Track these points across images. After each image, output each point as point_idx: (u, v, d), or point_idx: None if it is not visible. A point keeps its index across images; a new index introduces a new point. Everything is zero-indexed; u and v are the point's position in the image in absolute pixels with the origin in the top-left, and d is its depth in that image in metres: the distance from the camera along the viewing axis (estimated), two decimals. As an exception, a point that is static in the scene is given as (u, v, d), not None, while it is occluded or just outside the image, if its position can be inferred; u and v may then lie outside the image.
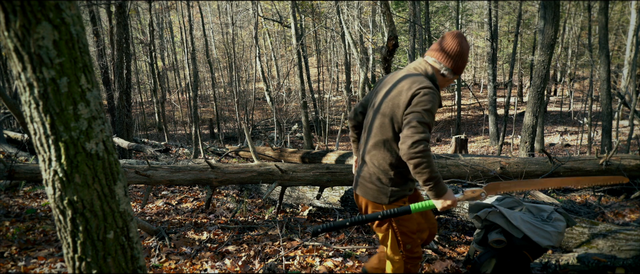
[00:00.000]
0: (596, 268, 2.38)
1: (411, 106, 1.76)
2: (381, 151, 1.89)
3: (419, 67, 1.92)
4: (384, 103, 1.88)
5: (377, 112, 1.91)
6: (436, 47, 1.93)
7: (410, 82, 1.82)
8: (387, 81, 1.98)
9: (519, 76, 21.85)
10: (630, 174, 4.15)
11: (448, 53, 1.89)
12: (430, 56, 1.93)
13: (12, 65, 1.06)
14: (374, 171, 1.91)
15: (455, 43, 1.88)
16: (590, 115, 11.58)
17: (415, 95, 1.76)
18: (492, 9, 15.15)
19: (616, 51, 20.70)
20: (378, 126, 1.89)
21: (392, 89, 1.88)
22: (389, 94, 1.88)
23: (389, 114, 1.84)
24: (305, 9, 18.98)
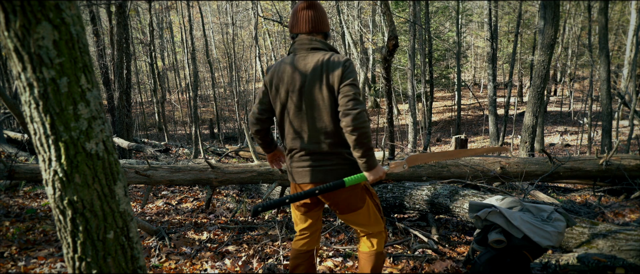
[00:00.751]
0: (596, 268, 2.38)
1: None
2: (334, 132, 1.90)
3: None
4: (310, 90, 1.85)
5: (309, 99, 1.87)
6: None
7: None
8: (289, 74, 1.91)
9: (519, 76, 21.85)
10: (631, 174, 4.15)
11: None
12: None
13: (12, 65, 1.06)
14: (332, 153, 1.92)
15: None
16: (590, 115, 11.58)
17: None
18: (492, 9, 15.15)
19: (616, 51, 20.70)
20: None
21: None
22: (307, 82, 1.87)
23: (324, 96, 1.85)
24: (305, 9, 18.95)
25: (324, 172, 1.90)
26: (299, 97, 1.87)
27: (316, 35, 1.93)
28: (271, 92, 1.94)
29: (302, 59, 1.88)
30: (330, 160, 1.90)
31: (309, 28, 1.91)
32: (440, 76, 23.87)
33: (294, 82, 1.87)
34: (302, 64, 1.87)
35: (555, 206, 3.10)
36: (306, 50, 1.89)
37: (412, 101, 12.44)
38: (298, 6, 1.94)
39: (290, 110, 1.90)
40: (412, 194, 3.58)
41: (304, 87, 1.85)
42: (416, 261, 2.84)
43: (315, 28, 1.92)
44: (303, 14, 1.92)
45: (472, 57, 28.59)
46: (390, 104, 4.86)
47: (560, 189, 5.64)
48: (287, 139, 1.97)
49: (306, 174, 1.92)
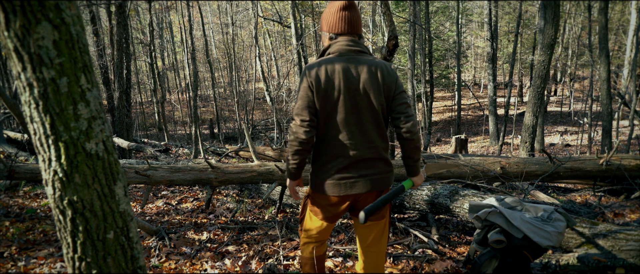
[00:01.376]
0: (596, 268, 2.38)
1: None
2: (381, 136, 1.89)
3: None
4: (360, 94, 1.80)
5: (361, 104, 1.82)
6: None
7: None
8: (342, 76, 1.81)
9: (519, 76, 21.85)
10: (631, 174, 4.15)
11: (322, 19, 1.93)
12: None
13: (12, 65, 1.06)
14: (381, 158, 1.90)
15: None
16: (590, 115, 11.58)
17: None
18: (492, 9, 15.15)
19: (616, 51, 20.70)
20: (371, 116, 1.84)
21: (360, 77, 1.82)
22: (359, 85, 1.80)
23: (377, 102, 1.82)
24: (305, 9, 18.97)
25: (380, 179, 1.88)
26: (353, 101, 1.80)
27: (357, 37, 1.87)
28: (319, 96, 1.78)
29: (355, 62, 1.80)
30: (383, 166, 1.89)
31: (353, 29, 1.85)
32: (440, 76, 23.87)
33: (348, 84, 1.78)
34: (355, 67, 1.80)
35: (555, 206, 3.10)
36: (356, 53, 1.83)
37: (412, 101, 12.45)
38: (339, 5, 1.85)
39: (343, 115, 1.80)
40: (412, 194, 3.58)
41: (359, 90, 1.79)
42: (416, 261, 2.84)
43: (358, 30, 1.87)
44: (345, 15, 1.84)
45: (472, 57, 28.60)
46: (390, 104, 4.85)
47: (560, 189, 5.64)
48: (334, 145, 1.84)
49: (370, 183, 1.86)
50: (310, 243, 2.07)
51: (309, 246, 2.08)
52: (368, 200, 1.90)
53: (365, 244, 1.99)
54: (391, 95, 1.81)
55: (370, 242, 1.98)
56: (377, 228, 1.95)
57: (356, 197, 1.89)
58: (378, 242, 1.98)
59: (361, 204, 1.91)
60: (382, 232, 1.98)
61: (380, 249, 1.99)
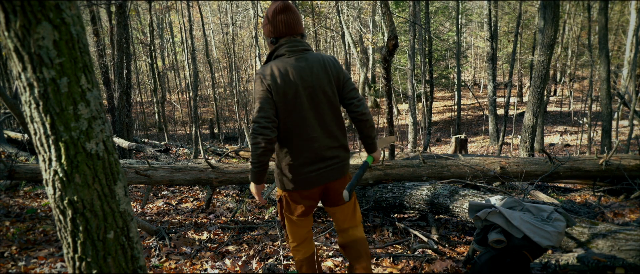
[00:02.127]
0: (596, 268, 2.39)
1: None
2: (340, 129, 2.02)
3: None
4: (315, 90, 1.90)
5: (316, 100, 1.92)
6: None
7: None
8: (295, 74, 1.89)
9: (519, 76, 21.84)
10: (630, 174, 4.15)
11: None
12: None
13: (12, 66, 1.06)
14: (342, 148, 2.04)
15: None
16: (590, 115, 11.58)
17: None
18: (492, 9, 15.15)
19: (616, 51, 20.71)
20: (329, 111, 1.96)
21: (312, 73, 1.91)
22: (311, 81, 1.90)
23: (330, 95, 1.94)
24: (305, 9, 18.96)
25: (344, 165, 2.03)
26: (310, 96, 1.88)
27: (299, 36, 1.95)
28: (277, 98, 1.85)
29: (304, 60, 1.89)
30: (344, 153, 2.02)
31: (293, 30, 1.92)
32: (440, 76, 23.87)
33: (303, 82, 1.87)
34: (305, 64, 1.88)
35: (555, 206, 3.10)
36: (302, 52, 1.91)
37: (412, 101, 12.44)
38: (275, 10, 1.91)
39: (307, 110, 1.89)
40: (412, 194, 3.58)
41: (315, 86, 1.88)
42: (416, 261, 2.84)
43: (298, 29, 1.94)
44: (283, 17, 1.91)
45: (472, 57, 28.59)
46: (390, 104, 4.86)
47: (560, 189, 5.64)
48: (298, 143, 1.91)
49: (337, 170, 1.99)
50: (299, 244, 2.15)
51: (298, 249, 2.16)
52: (336, 186, 2.02)
53: (344, 223, 2.13)
54: (340, 84, 1.95)
55: (348, 219, 2.13)
56: (349, 206, 2.12)
57: (327, 187, 2.02)
58: (353, 216, 2.14)
59: (330, 190, 2.03)
60: (354, 208, 2.14)
61: (356, 222, 2.16)
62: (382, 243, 3.31)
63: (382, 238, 3.47)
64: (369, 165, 2.09)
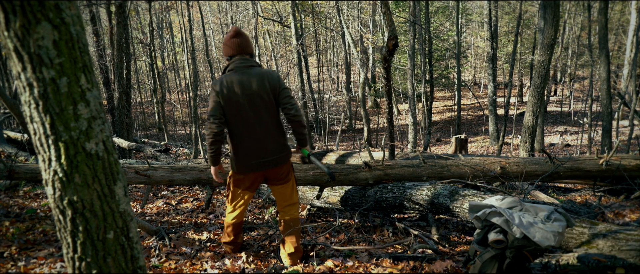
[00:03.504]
0: (596, 268, 2.38)
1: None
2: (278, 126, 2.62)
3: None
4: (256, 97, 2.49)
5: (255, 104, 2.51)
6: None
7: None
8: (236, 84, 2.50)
9: (519, 76, 21.84)
10: (630, 174, 4.14)
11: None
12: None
13: (12, 66, 1.06)
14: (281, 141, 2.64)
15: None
16: (590, 115, 11.57)
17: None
18: (492, 9, 15.15)
19: (616, 51, 20.70)
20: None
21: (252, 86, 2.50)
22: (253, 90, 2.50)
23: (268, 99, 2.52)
24: (305, 9, 18.96)
25: (284, 154, 2.64)
26: (251, 103, 2.47)
27: (248, 56, 2.56)
28: (224, 103, 2.46)
29: (247, 74, 2.48)
30: (281, 147, 2.61)
31: (242, 50, 2.54)
32: (440, 75, 23.86)
33: (244, 91, 2.45)
34: (247, 78, 2.47)
35: (555, 206, 3.10)
36: (247, 68, 2.50)
37: (412, 101, 12.44)
38: (230, 35, 2.55)
39: (247, 114, 2.48)
40: (412, 194, 3.58)
41: (253, 94, 2.46)
42: (416, 261, 2.84)
43: (247, 50, 2.56)
44: (235, 41, 2.53)
45: (472, 57, 28.58)
46: (390, 104, 4.85)
47: (560, 189, 5.64)
48: (243, 139, 2.53)
49: (273, 162, 2.59)
50: (233, 211, 2.77)
51: (231, 214, 2.78)
52: (277, 172, 2.67)
53: (284, 201, 2.78)
54: (277, 92, 2.52)
55: (287, 198, 2.77)
56: (287, 188, 2.76)
57: (266, 172, 2.65)
58: (291, 196, 2.78)
59: (271, 176, 2.68)
60: (292, 190, 2.78)
61: (293, 201, 2.79)
62: (382, 243, 3.31)
63: (382, 238, 3.47)
64: (307, 155, 2.74)
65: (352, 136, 17.84)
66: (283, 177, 2.71)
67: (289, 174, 2.75)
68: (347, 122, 20.46)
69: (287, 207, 2.77)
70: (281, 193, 2.74)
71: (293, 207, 2.78)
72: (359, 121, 19.97)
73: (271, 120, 2.53)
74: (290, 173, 2.77)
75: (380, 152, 6.22)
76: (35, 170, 4.02)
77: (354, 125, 18.23)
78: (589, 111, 12.16)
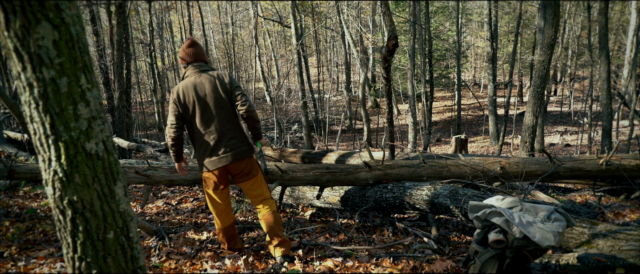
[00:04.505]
0: (596, 268, 2.38)
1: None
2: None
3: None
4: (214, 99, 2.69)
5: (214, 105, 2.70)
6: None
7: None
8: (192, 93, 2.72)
9: (519, 76, 21.84)
10: (630, 174, 4.14)
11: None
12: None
13: (12, 65, 1.06)
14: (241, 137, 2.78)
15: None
16: (590, 115, 11.57)
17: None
18: (492, 9, 15.15)
19: (616, 51, 20.70)
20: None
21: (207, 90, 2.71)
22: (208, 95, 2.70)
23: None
24: (305, 9, 18.96)
25: (242, 149, 2.75)
26: (205, 104, 2.66)
27: (202, 63, 2.79)
28: (181, 107, 2.70)
29: (198, 78, 2.70)
30: (238, 142, 2.74)
31: (197, 58, 2.78)
32: (440, 75, 23.86)
33: (198, 94, 2.66)
34: (200, 82, 2.69)
35: (555, 206, 3.10)
36: (200, 73, 2.73)
37: (412, 101, 12.44)
38: (186, 45, 2.80)
39: (202, 114, 2.68)
40: (412, 194, 3.58)
41: (207, 95, 2.66)
42: (416, 261, 2.84)
43: (201, 58, 2.80)
44: (190, 50, 2.77)
45: (472, 57, 28.58)
46: (390, 104, 4.86)
47: (560, 189, 5.63)
48: (202, 138, 2.71)
49: (231, 156, 2.71)
50: (217, 216, 2.89)
51: (217, 220, 2.91)
52: (238, 167, 2.78)
53: (256, 198, 2.87)
54: (229, 91, 2.70)
55: (257, 194, 2.87)
56: (255, 183, 2.87)
57: (227, 167, 2.77)
58: (261, 192, 2.88)
59: (234, 172, 2.81)
60: (260, 185, 2.88)
61: (265, 196, 2.88)
62: (382, 243, 3.31)
63: (382, 238, 3.47)
64: (260, 147, 2.89)
65: (352, 136, 17.85)
66: (247, 172, 2.81)
67: (252, 170, 2.85)
68: (347, 122, 20.46)
69: (262, 202, 2.85)
70: (250, 189, 2.85)
71: (267, 202, 2.86)
72: (359, 121, 19.97)
73: (226, 117, 2.70)
74: (255, 169, 2.87)
75: (380, 152, 6.22)
76: (35, 170, 4.01)
77: (354, 125, 18.23)
78: (589, 111, 12.16)
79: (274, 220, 2.79)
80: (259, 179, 2.86)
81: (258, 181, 2.86)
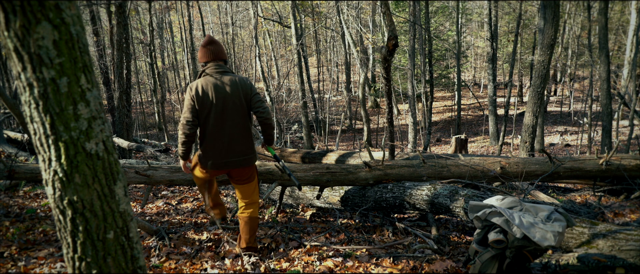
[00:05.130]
0: (596, 268, 2.38)
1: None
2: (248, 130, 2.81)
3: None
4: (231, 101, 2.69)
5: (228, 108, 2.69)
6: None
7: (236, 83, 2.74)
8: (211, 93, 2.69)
9: (519, 76, 21.84)
10: (630, 174, 4.14)
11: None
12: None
13: (12, 66, 1.06)
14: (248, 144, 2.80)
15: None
16: (590, 115, 11.57)
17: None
18: (492, 9, 15.15)
19: (616, 51, 20.70)
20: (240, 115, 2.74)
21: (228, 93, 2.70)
22: (228, 96, 2.69)
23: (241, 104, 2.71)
24: (305, 9, 18.96)
25: (249, 157, 2.79)
26: (223, 106, 2.65)
27: (222, 62, 2.75)
28: (198, 104, 2.65)
29: (221, 79, 2.67)
30: (247, 150, 2.77)
31: (216, 57, 2.73)
32: (440, 76, 23.86)
33: (218, 95, 2.63)
34: (221, 82, 2.66)
35: (555, 206, 3.10)
36: (221, 74, 2.70)
37: (412, 101, 12.44)
38: (205, 42, 2.75)
39: (218, 115, 2.65)
40: (412, 194, 3.58)
41: (226, 98, 2.64)
42: (416, 261, 2.84)
43: (221, 56, 2.75)
44: (210, 48, 2.73)
45: (472, 57, 28.57)
46: (390, 104, 4.85)
47: (561, 189, 5.64)
48: (212, 138, 2.69)
49: (238, 162, 2.74)
50: (199, 180, 3.02)
51: (198, 181, 3.03)
52: (240, 173, 2.82)
53: (245, 199, 2.90)
54: (249, 97, 2.72)
55: (248, 196, 2.90)
56: (250, 187, 2.90)
57: (230, 171, 2.81)
58: (251, 195, 2.91)
59: (235, 175, 2.84)
60: (253, 189, 2.93)
61: (253, 200, 2.92)
62: (382, 243, 3.31)
63: (382, 238, 3.47)
64: (273, 153, 3.00)
65: (352, 136, 17.84)
66: (247, 177, 2.87)
67: (252, 176, 2.91)
68: (347, 122, 20.45)
69: (248, 205, 2.90)
70: (243, 191, 2.90)
71: (253, 205, 2.92)
72: (359, 121, 19.97)
73: (241, 123, 2.71)
74: (254, 174, 2.94)
75: (380, 152, 6.22)
76: (35, 170, 4.01)
77: (354, 125, 18.23)
78: (589, 111, 12.16)
79: (250, 225, 2.87)
80: (253, 184, 2.93)
81: (253, 185, 2.92)
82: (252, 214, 2.89)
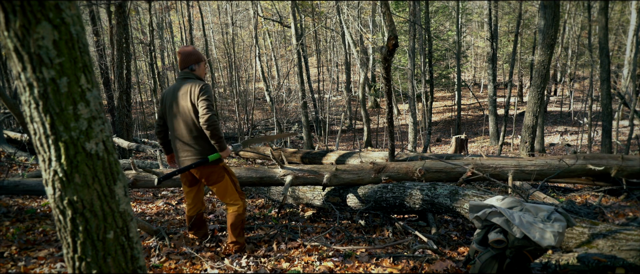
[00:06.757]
0: (596, 268, 2.38)
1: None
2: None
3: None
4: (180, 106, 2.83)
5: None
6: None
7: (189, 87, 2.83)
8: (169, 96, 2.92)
9: (519, 76, 21.84)
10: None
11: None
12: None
13: (12, 65, 1.06)
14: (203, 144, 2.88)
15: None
16: (590, 115, 11.57)
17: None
18: (492, 9, 15.14)
19: (616, 51, 20.70)
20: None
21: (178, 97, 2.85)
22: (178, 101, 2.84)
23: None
24: (305, 9, 18.96)
25: (195, 155, 2.87)
26: (174, 110, 2.85)
27: (188, 70, 2.94)
28: (162, 109, 2.97)
29: (178, 84, 2.88)
30: (196, 150, 2.86)
31: (183, 65, 2.95)
32: (440, 76, 23.86)
33: (173, 99, 2.86)
34: (178, 88, 2.86)
35: (555, 206, 3.10)
36: (182, 80, 2.90)
37: (412, 101, 12.44)
38: (177, 52, 3.05)
39: (170, 119, 2.90)
40: (412, 194, 3.58)
41: (178, 102, 2.82)
42: (416, 261, 2.84)
43: (187, 64, 2.94)
44: (179, 58, 2.97)
45: (472, 57, 28.57)
46: (390, 104, 4.86)
47: (560, 189, 5.64)
48: (173, 140, 2.93)
49: (188, 159, 2.88)
50: (187, 205, 3.18)
51: (187, 208, 3.20)
52: (200, 174, 2.92)
53: (221, 198, 3.03)
54: (195, 101, 2.76)
55: (221, 198, 3.02)
56: (220, 187, 2.98)
57: (192, 172, 2.93)
58: (224, 198, 3.02)
59: (198, 176, 2.94)
60: (224, 192, 3.00)
61: (226, 202, 3.02)
62: (382, 243, 3.31)
63: (382, 238, 3.47)
64: (209, 160, 2.85)
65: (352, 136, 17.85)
66: (212, 181, 2.93)
67: (211, 177, 2.93)
68: (347, 122, 20.45)
69: (228, 204, 3.02)
70: (216, 192, 3.02)
71: (230, 207, 3.01)
72: (359, 121, 19.97)
73: (186, 126, 2.83)
74: (214, 177, 2.93)
75: (381, 152, 6.23)
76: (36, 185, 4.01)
77: (354, 125, 18.23)
78: (589, 111, 12.16)
79: (230, 221, 3.00)
80: (222, 187, 2.96)
81: (222, 186, 2.96)
82: (232, 212, 3.01)
